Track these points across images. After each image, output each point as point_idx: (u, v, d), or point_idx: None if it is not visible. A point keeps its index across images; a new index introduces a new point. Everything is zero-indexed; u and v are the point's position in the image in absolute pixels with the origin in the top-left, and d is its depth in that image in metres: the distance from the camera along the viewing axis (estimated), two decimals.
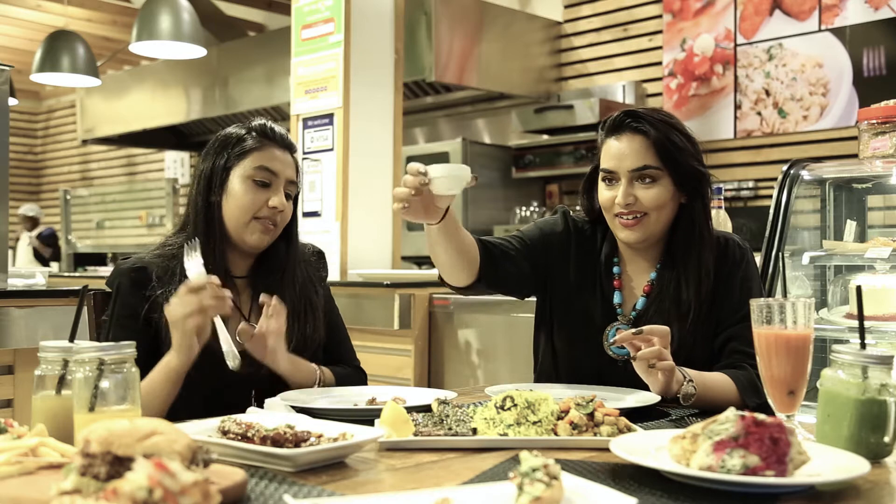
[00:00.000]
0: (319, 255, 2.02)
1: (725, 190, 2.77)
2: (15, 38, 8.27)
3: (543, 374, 1.97)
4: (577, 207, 1.97)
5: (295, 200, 1.88)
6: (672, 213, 1.80)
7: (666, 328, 1.58)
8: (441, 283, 1.82)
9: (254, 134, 1.81)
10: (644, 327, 1.58)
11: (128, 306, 1.72)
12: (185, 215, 1.85)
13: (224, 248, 1.79)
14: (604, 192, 1.81)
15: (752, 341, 1.35)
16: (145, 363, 1.63)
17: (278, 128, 1.86)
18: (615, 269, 1.87)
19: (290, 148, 1.85)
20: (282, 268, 1.85)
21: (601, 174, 1.82)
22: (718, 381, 1.68)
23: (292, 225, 1.88)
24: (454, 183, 1.56)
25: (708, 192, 1.82)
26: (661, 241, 1.84)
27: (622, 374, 1.78)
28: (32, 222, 9.05)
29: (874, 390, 1.20)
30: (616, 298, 1.85)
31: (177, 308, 1.57)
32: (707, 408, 1.61)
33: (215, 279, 1.60)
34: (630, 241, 1.81)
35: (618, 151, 1.77)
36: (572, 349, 1.87)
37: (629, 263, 1.88)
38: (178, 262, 1.73)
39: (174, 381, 1.61)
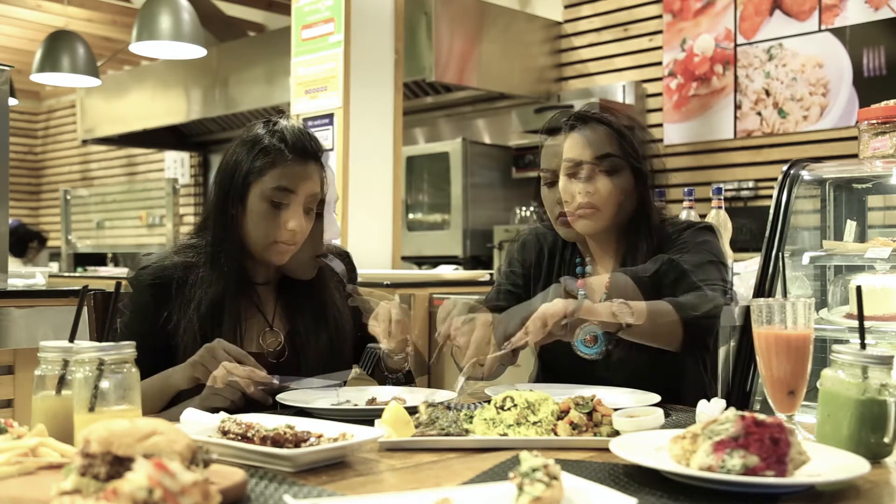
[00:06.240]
0: (345, 256, 1.98)
1: (725, 190, 2.77)
2: (15, 38, 8.25)
3: (538, 376, 2.01)
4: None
5: (320, 205, 1.81)
6: (629, 205, 1.86)
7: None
8: None
9: (274, 144, 1.71)
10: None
11: (139, 307, 1.71)
12: (204, 219, 1.80)
13: (243, 257, 1.76)
14: (567, 186, 1.85)
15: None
16: (150, 365, 1.63)
17: (301, 132, 1.75)
18: (578, 270, 1.94)
19: (314, 155, 1.75)
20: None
21: (564, 166, 1.86)
22: (651, 302, 1.67)
23: (316, 230, 1.82)
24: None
25: (650, 184, 1.89)
26: (618, 237, 1.90)
27: (604, 370, 1.81)
28: None
29: (874, 390, 1.20)
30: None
31: (217, 367, 1.52)
32: (648, 332, 1.63)
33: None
34: (587, 232, 1.87)
35: (582, 140, 1.85)
36: (553, 349, 1.87)
37: (594, 264, 1.94)
38: (196, 272, 1.71)
39: (169, 396, 1.61)
